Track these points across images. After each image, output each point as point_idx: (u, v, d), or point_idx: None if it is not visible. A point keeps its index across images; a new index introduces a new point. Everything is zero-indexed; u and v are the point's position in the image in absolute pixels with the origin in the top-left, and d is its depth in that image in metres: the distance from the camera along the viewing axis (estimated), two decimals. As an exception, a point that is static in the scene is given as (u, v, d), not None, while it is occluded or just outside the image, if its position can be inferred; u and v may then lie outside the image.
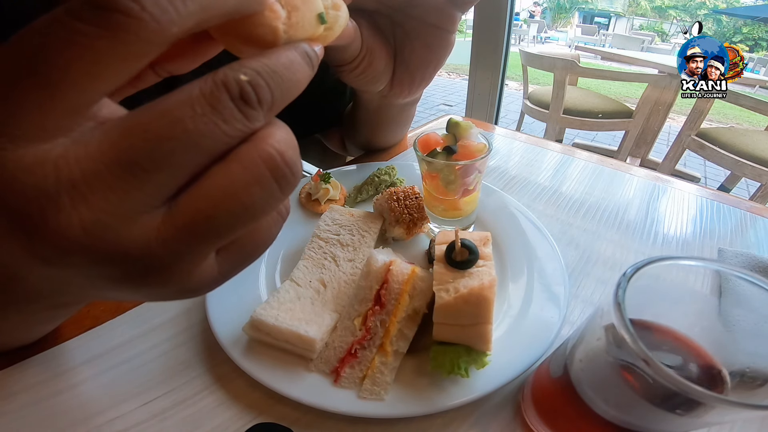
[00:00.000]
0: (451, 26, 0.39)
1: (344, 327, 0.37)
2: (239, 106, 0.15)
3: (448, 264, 0.35)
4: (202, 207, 0.15)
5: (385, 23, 0.39)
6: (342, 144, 0.79)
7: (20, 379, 0.35)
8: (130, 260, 0.15)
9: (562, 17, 14.15)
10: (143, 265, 0.16)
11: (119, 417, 0.33)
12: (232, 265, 0.19)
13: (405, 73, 0.40)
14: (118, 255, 0.15)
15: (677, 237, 0.56)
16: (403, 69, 0.40)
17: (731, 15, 12.22)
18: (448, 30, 0.39)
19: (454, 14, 0.38)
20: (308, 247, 0.46)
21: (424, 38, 0.39)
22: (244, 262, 0.20)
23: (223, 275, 0.19)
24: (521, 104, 2.66)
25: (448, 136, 0.46)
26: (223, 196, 0.15)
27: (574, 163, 0.72)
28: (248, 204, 0.16)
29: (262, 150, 0.16)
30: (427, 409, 0.33)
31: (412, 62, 0.40)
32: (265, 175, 0.16)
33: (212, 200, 0.15)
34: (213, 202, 0.15)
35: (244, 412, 0.34)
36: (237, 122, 0.15)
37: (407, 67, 0.40)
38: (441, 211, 0.50)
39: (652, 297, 0.26)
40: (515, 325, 0.39)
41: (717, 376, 0.24)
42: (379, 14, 0.38)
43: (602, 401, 0.25)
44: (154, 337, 0.39)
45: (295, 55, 0.17)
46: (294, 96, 0.17)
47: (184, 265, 0.17)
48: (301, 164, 0.17)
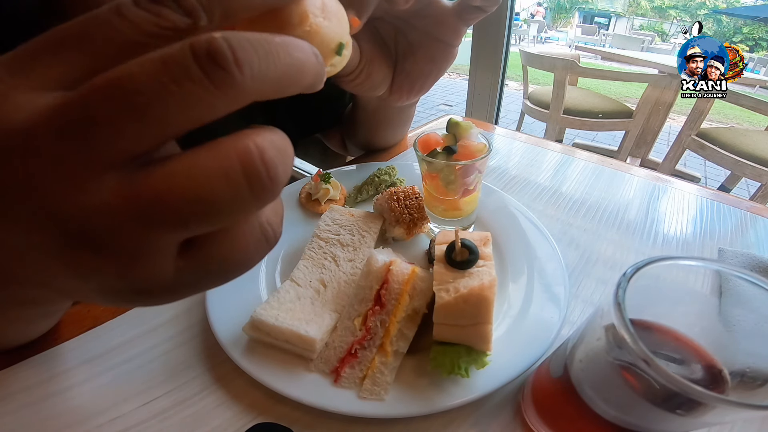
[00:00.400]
0: (455, 40, 0.39)
1: (344, 327, 0.37)
2: (202, 65, 0.13)
3: (448, 264, 0.35)
4: (156, 185, 0.14)
5: (388, 31, 0.39)
6: (342, 144, 0.79)
7: (20, 379, 0.35)
8: (70, 221, 0.14)
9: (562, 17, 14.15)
10: (80, 229, 0.14)
11: (119, 417, 0.33)
12: (195, 276, 0.17)
13: (405, 81, 0.40)
14: (59, 211, 0.14)
15: (677, 237, 0.56)
16: (403, 77, 0.40)
17: (731, 15, 12.22)
18: (452, 44, 0.39)
19: (460, 28, 0.38)
20: (308, 247, 0.46)
21: (427, 50, 0.39)
22: (210, 277, 0.17)
23: (182, 284, 0.17)
24: (521, 104, 2.66)
25: (448, 136, 0.46)
26: (183, 180, 0.14)
27: (574, 163, 0.72)
28: (207, 197, 0.14)
29: (239, 142, 0.14)
30: (427, 409, 0.33)
31: (412, 71, 0.40)
32: (233, 169, 0.14)
33: (169, 181, 0.14)
34: (170, 183, 0.14)
35: (244, 412, 0.34)
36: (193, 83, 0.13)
37: (407, 76, 0.40)
38: (441, 211, 0.50)
39: (653, 297, 0.26)
40: (515, 325, 0.39)
41: (717, 376, 0.24)
42: (384, 22, 0.38)
43: (602, 401, 0.25)
44: (154, 337, 0.39)
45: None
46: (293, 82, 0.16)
47: (126, 247, 0.15)
48: (285, 173, 0.15)
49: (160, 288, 0.16)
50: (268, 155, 0.14)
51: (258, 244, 0.17)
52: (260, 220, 0.17)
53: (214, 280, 0.17)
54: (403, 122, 0.69)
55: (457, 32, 0.38)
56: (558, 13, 14.18)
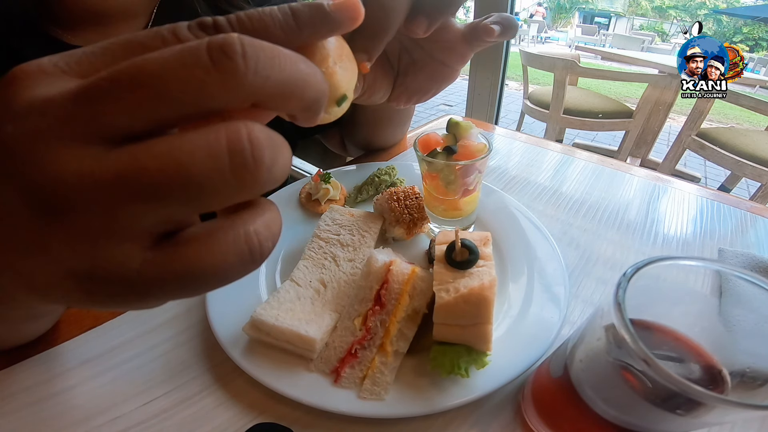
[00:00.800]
0: (459, 64, 0.38)
1: (344, 327, 0.37)
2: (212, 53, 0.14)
3: (449, 264, 0.35)
4: (136, 153, 0.14)
5: (393, 47, 0.38)
6: (342, 144, 0.79)
7: (20, 379, 0.35)
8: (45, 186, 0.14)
9: (563, 17, 14.15)
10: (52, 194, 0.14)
11: (119, 417, 0.33)
12: (160, 276, 0.15)
13: (403, 93, 0.40)
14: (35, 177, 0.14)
15: (677, 237, 0.56)
16: (402, 90, 0.40)
17: (731, 15, 12.22)
18: (455, 68, 0.39)
19: (466, 54, 0.37)
20: (308, 247, 0.46)
21: (430, 70, 0.38)
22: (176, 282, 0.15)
23: (145, 282, 0.15)
24: (521, 104, 2.66)
25: (448, 136, 0.46)
26: (163, 148, 0.14)
27: (574, 163, 0.72)
28: (185, 169, 0.13)
29: (231, 123, 0.14)
30: (427, 409, 0.33)
31: (411, 86, 0.40)
32: (218, 142, 0.14)
33: (149, 151, 0.14)
34: (149, 152, 0.14)
35: (244, 412, 0.34)
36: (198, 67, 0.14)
37: (406, 89, 0.40)
38: (441, 211, 0.50)
39: (653, 297, 0.26)
40: (515, 325, 0.39)
41: (717, 376, 0.24)
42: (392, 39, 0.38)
43: (602, 401, 0.25)
44: (154, 337, 0.39)
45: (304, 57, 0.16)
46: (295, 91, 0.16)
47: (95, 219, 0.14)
48: (272, 160, 0.15)
49: (120, 280, 0.15)
50: (255, 135, 0.14)
51: (239, 254, 0.16)
52: (246, 229, 0.16)
53: (180, 286, 0.16)
54: (403, 121, 0.69)
55: (463, 58, 0.38)
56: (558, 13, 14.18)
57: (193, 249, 0.15)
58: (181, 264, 0.15)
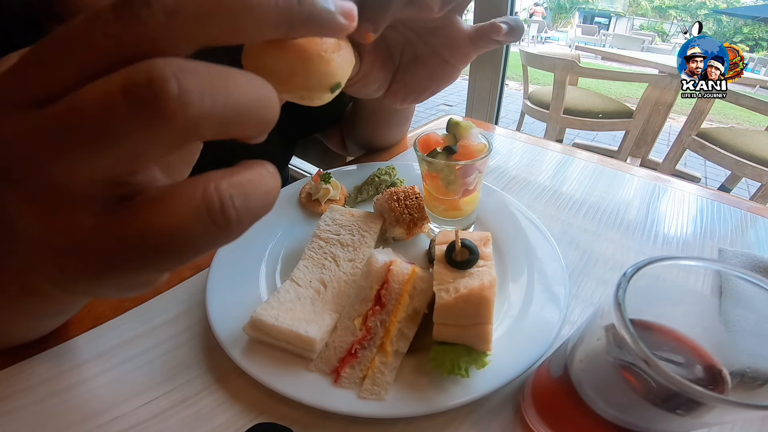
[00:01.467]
0: (461, 64, 0.38)
1: (344, 327, 0.37)
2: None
3: (449, 264, 0.35)
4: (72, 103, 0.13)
5: (397, 40, 0.38)
6: (342, 144, 0.79)
7: (20, 379, 0.35)
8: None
9: (563, 17, 14.15)
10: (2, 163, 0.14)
11: (120, 417, 0.33)
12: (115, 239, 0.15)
13: (401, 90, 0.40)
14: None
15: (677, 237, 0.56)
16: (400, 86, 0.39)
17: (731, 15, 12.21)
18: (457, 67, 0.38)
19: (470, 54, 0.37)
20: (308, 247, 0.46)
21: (431, 68, 0.38)
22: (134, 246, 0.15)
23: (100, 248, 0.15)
24: (521, 104, 2.66)
25: (448, 136, 0.46)
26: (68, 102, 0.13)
27: (574, 163, 0.72)
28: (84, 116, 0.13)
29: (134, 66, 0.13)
30: (427, 409, 0.33)
31: (410, 83, 0.39)
32: (113, 88, 0.13)
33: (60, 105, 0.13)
34: (60, 106, 0.13)
35: (244, 412, 0.34)
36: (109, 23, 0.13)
37: (404, 86, 0.39)
38: (441, 211, 0.50)
39: (653, 297, 0.26)
40: (515, 325, 0.39)
41: (717, 376, 0.24)
42: (396, 31, 0.37)
43: (603, 401, 0.25)
44: (154, 336, 0.39)
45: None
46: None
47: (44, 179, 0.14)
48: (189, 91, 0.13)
49: (77, 247, 0.15)
50: (159, 69, 0.13)
51: (196, 215, 0.14)
52: (206, 185, 0.14)
53: (141, 253, 0.15)
54: (403, 121, 0.69)
55: (467, 57, 0.37)
56: (558, 13, 14.17)
57: (147, 209, 0.14)
58: (134, 226, 0.14)
